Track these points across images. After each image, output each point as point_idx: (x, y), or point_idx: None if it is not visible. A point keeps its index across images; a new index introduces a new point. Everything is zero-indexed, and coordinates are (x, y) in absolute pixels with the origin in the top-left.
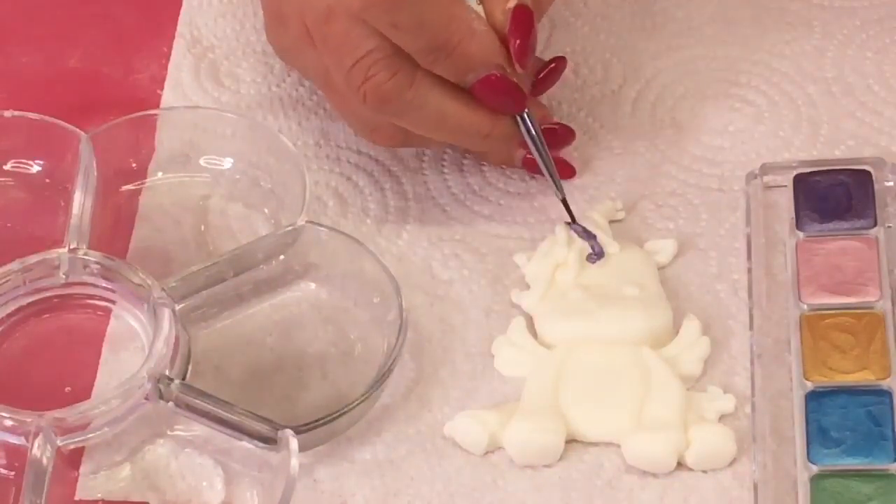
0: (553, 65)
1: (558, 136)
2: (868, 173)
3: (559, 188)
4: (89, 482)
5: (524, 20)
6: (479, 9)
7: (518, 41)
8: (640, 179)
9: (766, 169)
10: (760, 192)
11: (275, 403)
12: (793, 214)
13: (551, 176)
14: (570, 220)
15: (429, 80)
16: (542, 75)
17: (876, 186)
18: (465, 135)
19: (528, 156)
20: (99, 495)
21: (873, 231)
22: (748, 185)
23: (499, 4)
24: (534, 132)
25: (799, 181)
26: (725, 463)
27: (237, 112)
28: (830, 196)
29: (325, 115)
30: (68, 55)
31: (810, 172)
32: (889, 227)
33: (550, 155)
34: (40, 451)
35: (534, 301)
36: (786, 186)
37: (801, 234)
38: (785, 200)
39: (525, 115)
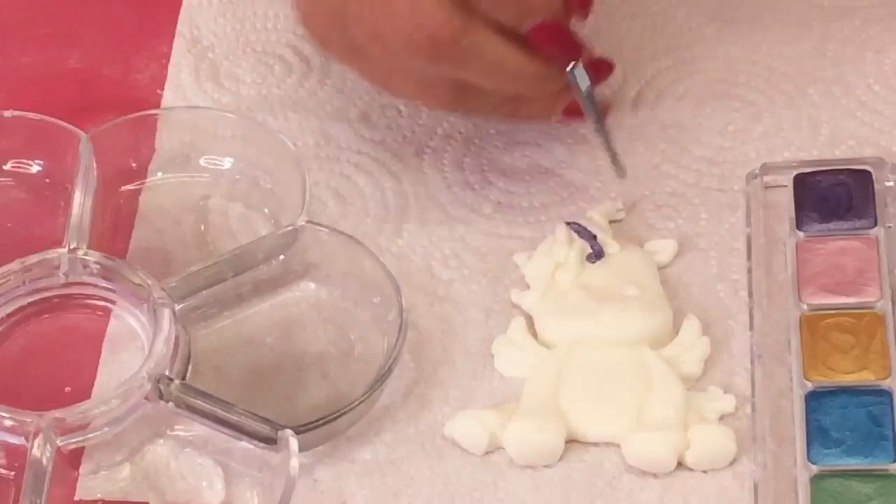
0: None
1: (601, 69)
2: (868, 173)
3: (611, 146)
4: (89, 482)
5: None
6: None
7: None
8: (640, 179)
9: (766, 169)
10: (761, 191)
11: (275, 403)
12: (793, 214)
13: (605, 136)
14: (619, 173)
15: (483, 26)
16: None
17: (876, 186)
18: (518, 81)
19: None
20: (99, 495)
21: (873, 231)
22: (748, 185)
23: None
24: (587, 88)
25: (799, 181)
26: (725, 463)
27: (237, 112)
28: (831, 196)
29: (325, 116)
30: (68, 55)
31: (811, 172)
32: (889, 227)
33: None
34: (40, 451)
35: (534, 301)
36: (786, 186)
37: (801, 234)
38: (785, 200)
39: (579, 67)
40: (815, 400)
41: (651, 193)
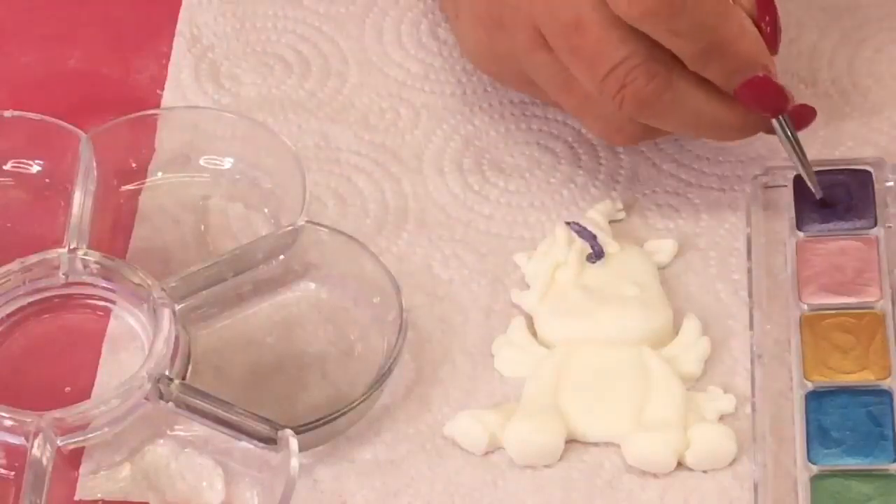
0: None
1: (804, 117)
2: (868, 173)
3: (816, 187)
4: (89, 482)
5: (769, 4)
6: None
7: (769, 26)
8: (640, 179)
9: (767, 168)
10: (761, 191)
11: (275, 403)
12: (793, 214)
13: (808, 178)
14: (816, 194)
15: (685, 81)
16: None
17: (876, 186)
18: (718, 130)
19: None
20: (99, 495)
21: (874, 231)
22: (749, 185)
23: (741, 3)
24: (791, 133)
25: (800, 181)
26: (725, 463)
27: (237, 112)
28: (831, 196)
29: (324, 117)
30: (68, 55)
31: (814, 171)
32: (889, 227)
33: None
34: (40, 451)
35: (534, 301)
36: (786, 186)
37: (801, 234)
38: (785, 200)
39: (784, 117)
40: (816, 400)
41: (651, 193)
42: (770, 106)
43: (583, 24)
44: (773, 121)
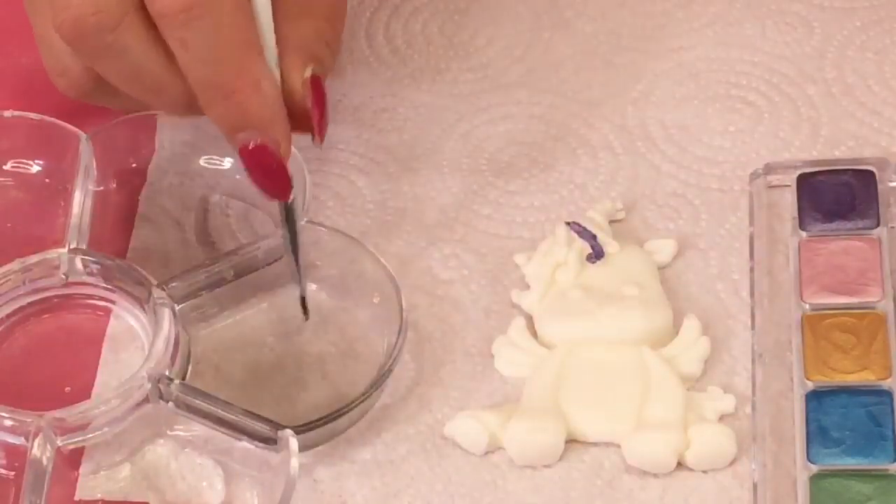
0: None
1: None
2: (872, 173)
3: (301, 278)
4: (89, 482)
5: (321, 93)
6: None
7: (319, 113)
8: (640, 179)
9: (769, 168)
10: (764, 191)
11: (275, 403)
12: (795, 214)
13: (299, 272)
14: (305, 315)
15: (136, 29)
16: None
17: (879, 187)
18: (161, 98)
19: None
20: (99, 495)
21: (876, 231)
22: (752, 184)
23: (296, 71)
24: (292, 221)
25: (802, 181)
26: (725, 463)
27: None
28: (834, 196)
29: None
30: None
31: (814, 172)
32: (892, 227)
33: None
34: (40, 451)
35: (534, 301)
36: (789, 186)
37: (803, 234)
38: (786, 200)
39: (288, 204)
40: (816, 399)
41: (651, 193)
42: (270, 185)
43: None
44: (279, 203)
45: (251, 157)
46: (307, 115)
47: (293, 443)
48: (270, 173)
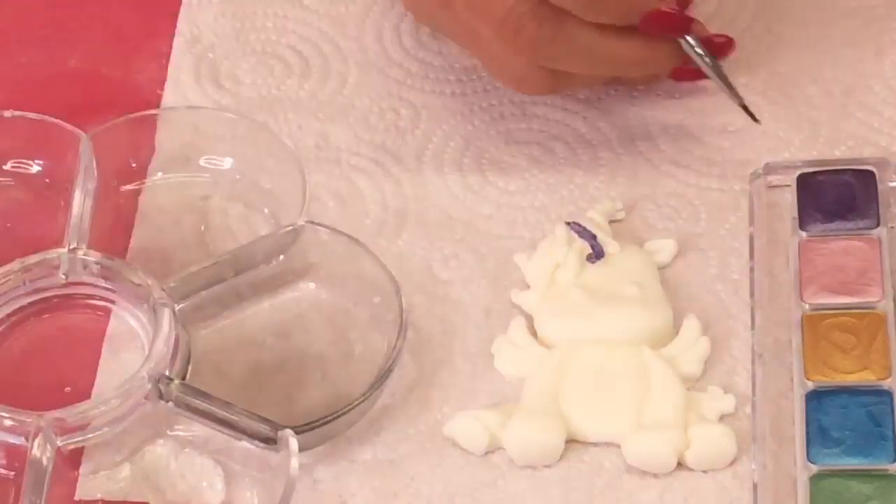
0: None
1: (720, 46)
2: (872, 173)
3: (736, 94)
4: (89, 482)
5: None
6: None
7: None
8: (640, 179)
9: (769, 168)
10: (764, 191)
11: (275, 403)
12: (796, 214)
13: (728, 87)
14: (753, 119)
15: (575, 20)
16: None
17: (880, 187)
18: (621, 65)
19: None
20: (99, 495)
21: (876, 231)
22: (752, 184)
23: None
24: (701, 50)
25: (803, 180)
26: (725, 463)
27: (237, 112)
28: (834, 196)
29: (324, 118)
30: (68, 55)
31: (814, 172)
32: (892, 227)
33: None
34: (40, 451)
35: (534, 301)
36: (789, 186)
37: (804, 234)
38: (786, 200)
39: (690, 36)
40: (816, 399)
41: (651, 193)
42: (672, 30)
43: None
44: (682, 41)
45: (648, 24)
46: None
47: (293, 443)
48: (667, 26)
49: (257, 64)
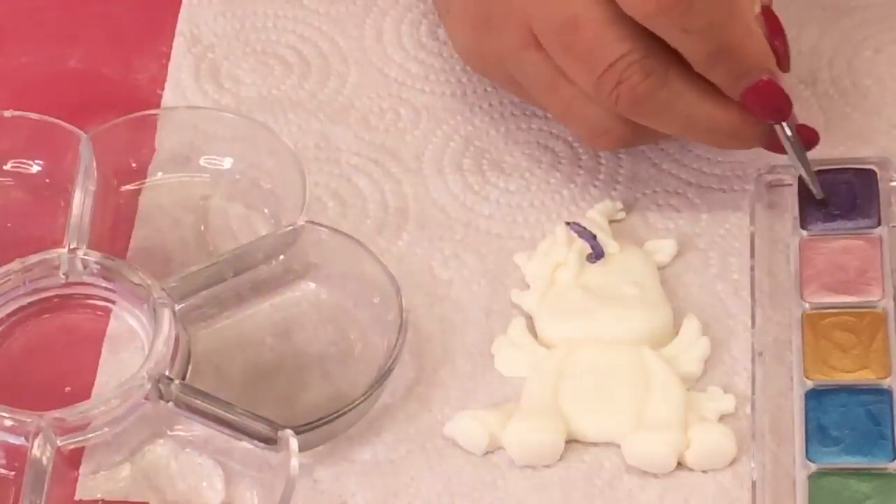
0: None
1: (809, 137)
2: (873, 172)
3: (817, 186)
4: (89, 482)
5: (777, 21)
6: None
7: (781, 41)
8: (640, 179)
9: (771, 167)
10: (764, 190)
11: (275, 403)
12: (796, 213)
13: (811, 182)
14: (824, 203)
15: (681, 80)
16: None
17: (881, 186)
18: (712, 133)
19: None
20: (99, 495)
21: (877, 230)
22: (753, 184)
23: (748, 6)
24: (794, 138)
25: (803, 180)
26: (725, 463)
27: (237, 112)
28: (835, 195)
29: (324, 118)
30: (68, 55)
31: (815, 171)
32: (893, 226)
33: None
34: (40, 451)
35: (534, 301)
36: (789, 185)
37: (804, 233)
38: (787, 200)
39: (787, 124)
40: (815, 398)
41: (651, 193)
42: (774, 111)
43: (579, 23)
44: (777, 127)
45: (757, 94)
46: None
47: (293, 443)
48: (774, 100)
49: (257, 64)
